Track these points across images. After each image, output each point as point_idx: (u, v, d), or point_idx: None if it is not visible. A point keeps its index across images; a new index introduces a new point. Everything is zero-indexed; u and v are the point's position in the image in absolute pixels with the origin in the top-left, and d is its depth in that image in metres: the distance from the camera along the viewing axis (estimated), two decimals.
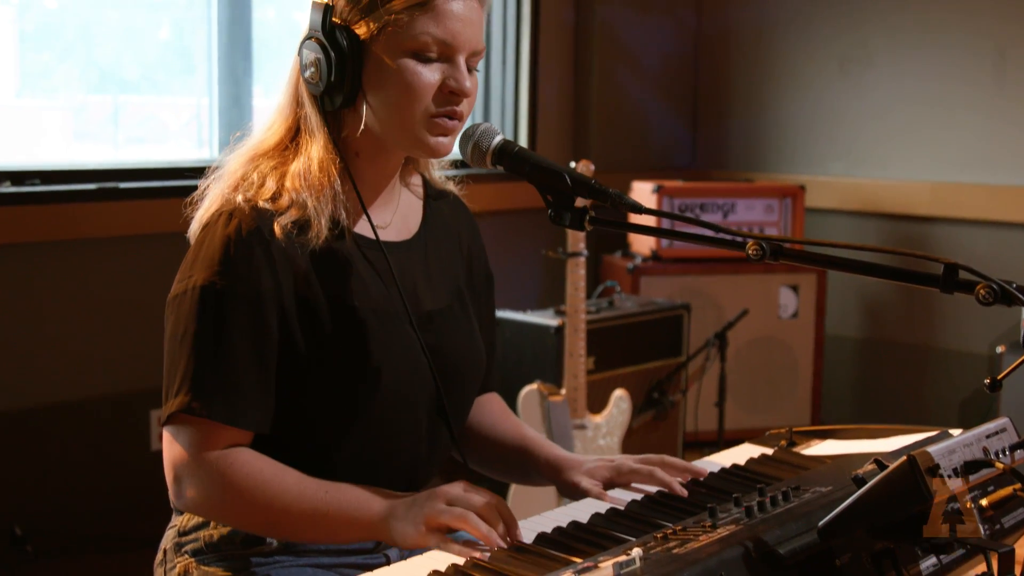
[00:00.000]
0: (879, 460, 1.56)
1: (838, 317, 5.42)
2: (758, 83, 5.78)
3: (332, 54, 1.82)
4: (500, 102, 5.41)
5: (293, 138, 1.91)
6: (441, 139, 1.86)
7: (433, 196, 2.10)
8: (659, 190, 5.08)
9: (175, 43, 4.56)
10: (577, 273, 4.09)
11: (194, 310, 1.78)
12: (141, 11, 4.40)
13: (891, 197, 5.27)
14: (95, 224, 3.95)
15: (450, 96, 1.84)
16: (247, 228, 1.80)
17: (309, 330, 1.83)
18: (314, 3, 1.86)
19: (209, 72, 4.46)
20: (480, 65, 2.03)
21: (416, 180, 2.08)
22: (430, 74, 1.82)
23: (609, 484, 1.96)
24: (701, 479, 1.91)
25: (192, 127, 4.65)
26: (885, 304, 5.37)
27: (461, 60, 1.84)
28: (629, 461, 1.97)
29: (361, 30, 1.82)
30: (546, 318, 4.33)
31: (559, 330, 4.21)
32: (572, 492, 1.98)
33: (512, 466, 2.14)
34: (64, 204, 3.88)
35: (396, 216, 2.00)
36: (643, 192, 5.14)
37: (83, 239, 3.95)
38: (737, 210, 5.20)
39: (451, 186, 2.13)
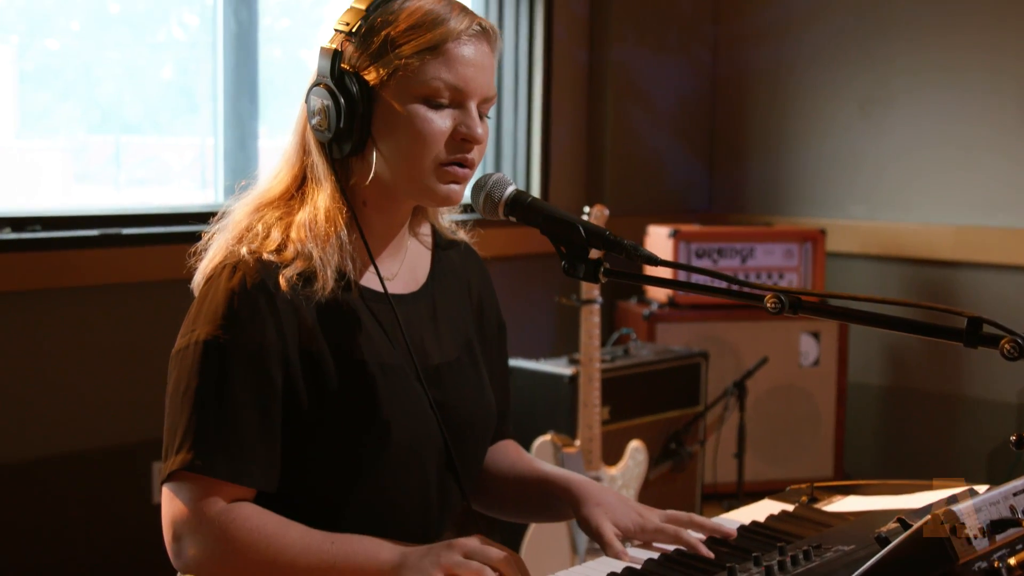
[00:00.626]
0: (903, 519, 1.55)
1: (861, 365, 5.41)
2: (776, 124, 5.80)
3: (341, 101, 1.82)
4: (512, 145, 5.43)
5: (299, 187, 1.91)
6: (453, 187, 1.87)
7: (443, 246, 2.10)
8: (675, 235, 5.08)
9: (178, 82, 4.59)
10: (591, 320, 4.09)
11: (197, 365, 1.78)
12: (144, 50, 4.43)
13: (914, 241, 5.27)
14: (97, 271, 3.96)
15: (462, 143, 1.85)
16: (251, 281, 1.80)
17: (314, 385, 1.83)
18: (322, 48, 1.87)
19: (214, 111, 4.48)
20: (492, 109, 2.04)
21: (425, 230, 2.09)
22: (441, 121, 1.83)
23: (628, 535, 1.95)
24: (727, 539, 1.89)
25: (196, 168, 4.67)
26: (910, 351, 5.36)
27: (473, 106, 1.85)
28: (655, 518, 1.96)
29: (371, 76, 1.83)
30: (560, 367, 4.32)
31: (573, 379, 4.21)
32: (592, 532, 1.97)
33: (532, 502, 2.14)
34: (65, 251, 3.89)
35: (404, 267, 2.00)
36: (659, 237, 5.15)
37: (85, 286, 3.96)
38: (756, 255, 5.21)
39: (462, 234, 2.14)
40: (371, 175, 1.86)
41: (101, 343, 4.01)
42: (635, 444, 4.25)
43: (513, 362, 4.36)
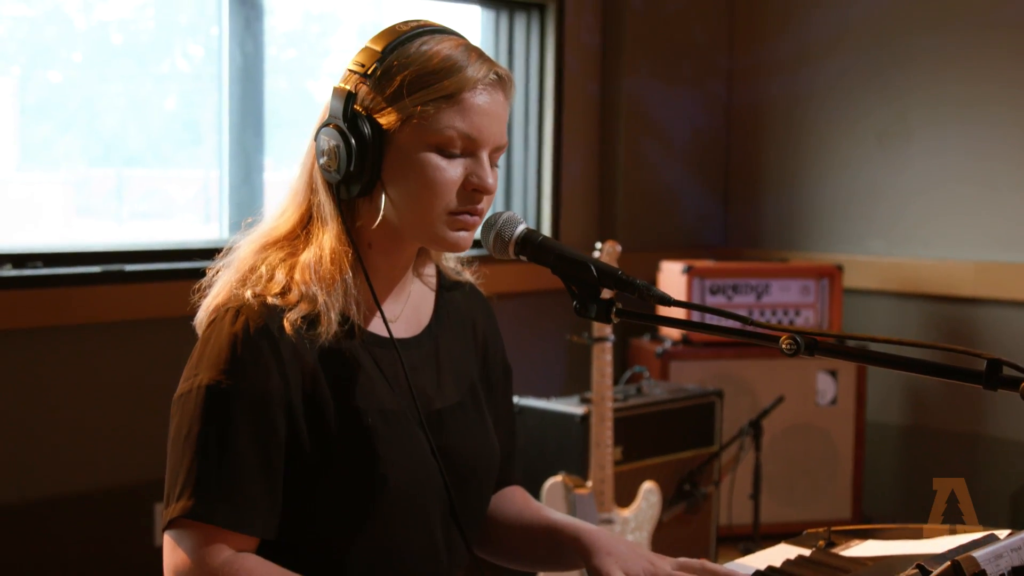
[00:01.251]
0: (922, 565, 1.56)
1: (879, 403, 5.41)
2: (792, 158, 5.81)
3: (352, 143, 1.83)
4: (523, 178, 5.45)
5: (305, 225, 1.93)
6: (462, 234, 1.88)
7: (447, 287, 2.11)
8: (689, 271, 5.09)
9: (182, 114, 4.62)
10: (603, 359, 4.10)
11: (199, 410, 1.79)
12: (147, 81, 4.46)
13: (933, 277, 5.27)
14: (99, 308, 3.98)
15: (472, 193, 1.86)
16: (254, 326, 1.81)
17: (316, 431, 1.83)
18: (335, 88, 1.88)
19: (219, 144, 4.50)
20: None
21: (430, 271, 2.10)
22: (453, 170, 1.84)
23: None
24: None
25: (199, 201, 4.69)
26: (930, 390, 5.36)
27: (485, 156, 1.86)
28: (667, 566, 1.96)
29: (384, 120, 1.84)
30: (571, 406, 4.32)
31: (585, 419, 4.21)
32: None
33: (540, 551, 2.13)
34: (67, 287, 3.91)
35: (407, 309, 2.01)
36: (673, 273, 5.16)
37: (86, 324, 3.97)
38: (771, 291, 5.21)
39: (467, 275, 2.15)
40: (379, 219, 1.87)
41: (103, 382, 4.02)
42: (648, 485, 4.25)
43: (523, 401, 4.37)
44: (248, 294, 1.84)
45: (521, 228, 1.86)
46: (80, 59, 4.33)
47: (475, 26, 5.37)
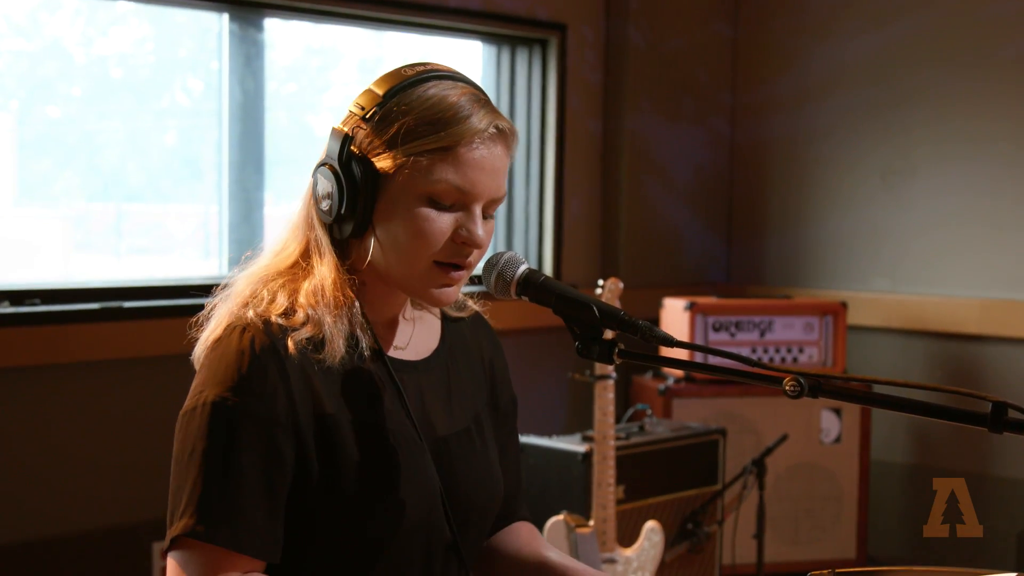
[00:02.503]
0: None
1: (885, 442, 5.40)
2: (796, 195, 5.83)
3: (345, 185, 1.84)
4: (524, 216, 5.46)
5: (306, 257, 1.93)
6: (445, 290, 1.89)
7: (452, 318, 2.12)
8: (692, 307, 5.10)
9: (182, 149, 4.63)
10: (605, 397, 4.10)
11: (204, 428, 1.79)
12: (147, 116, 4.48)
13: (938, 315, 5.28)
14: (97, 346, 3.98)
15: (461, 247, 1.86)
16: (260, 344, 1.82)
17: (325, 454, 1.83)
18: (334, 129, 1.89)
19: (219, 179, 4.51)
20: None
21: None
22: (442, 222, 1.84)
23: None
24: None
25: (199, 237, 4.70)
26: (935, 429, 5.35)
27: (477, 209, 1.86)
28: None
29: (379, 164, 1.84)
30: (573, 444, 4.32)
31: (587, 457, 4.21)
32: None
33: None
34: (65, 325, 3.92)
35: (414, 336, 2.02)
36: (675, 310, 5.16)
37: (84, 362, 3.97)
38: (775, 329, 5.22)
39: (471, 304, 2.15)
40: (367, 261, 1.89)
41: (101, 421, 4.02)
42: (651, 524, 4.24)
43: (525, 439, 4.36)
44: (251, 314, 1.85)
45: (523, 268, 1.87)
46: (79, 94, 4.35)
47: (476, 61, 5.39)
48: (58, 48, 4.26)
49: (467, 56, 5.40)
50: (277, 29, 4.71)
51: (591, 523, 4.07)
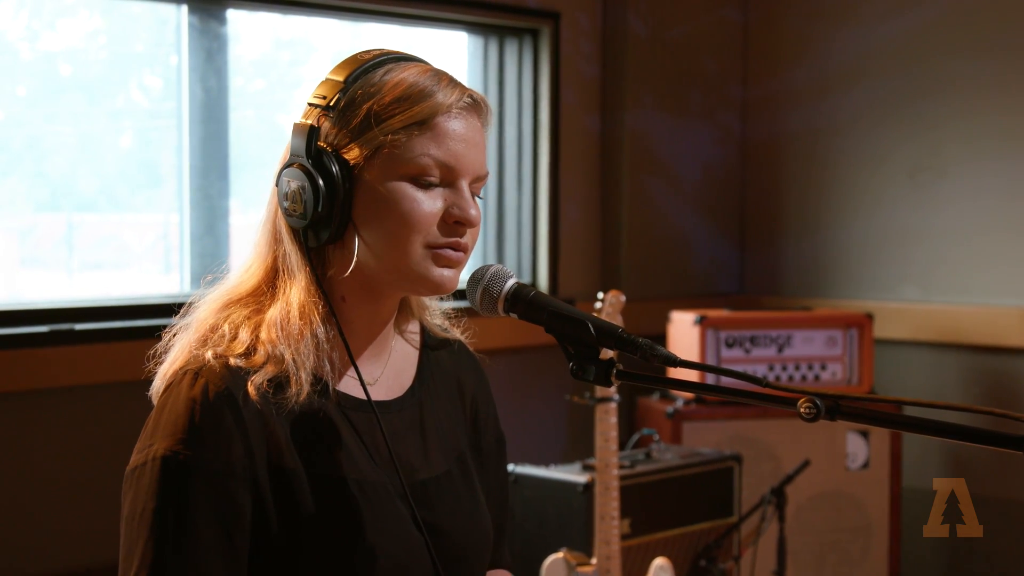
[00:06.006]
0: None
1: (917, 467, 5.39)
2: (814, 196, 5.83)
3: (319, 182, 1.84)
4: (516, 223, 5.46)
5: (271, 280, 1.93)
6: (446, 271, 1.89)
7: (432, 346, 2.12)
8: (702, 321, 5.10)
9: (138, 153, 4.62)
10: (607, 421, 4.09)
11: (154, 485, 1.78)
12: (99, 118, 4.47)
13: (973, 325, 5.28)
14: (46, 372, 3.97)
15: (455, 226, 1.87)
16: (215, 390, 1.81)
17: (285, 508, 1.83)
18: (295, 125, 1.89)
19: (179, 186, 4.50)
20: (492, 184, 2.05)
21: (413, 327, 2.10)
22: (431, 202, 1.85)
23: None
24: None
25: (158, 249, 4.69)
26: (972, 452, 5.34)
27: (464, 185, 1.88)
28: None
29: (351, 154, 1.85)
30: (572, 474, 4.32)
31: (588, 488, 4.21)
32: None
33: None
34: (10, 350, 3.91)
35: (387, 369, 2.01)
36: (684, 324, 5.16)
37: (32, 390, 3.96)
38: (794, 343, 5.21)
39: (455, 333, 2.15)
40: (352, 265, 1.88)
41: (50, 454, 4.00)
42: (660, 562, 4.24)
43: (519, 469, 4.36)
44: (209, 355, 1.84)
45: (511, 283, 1.87)
46: (24, 93, 4.35)
47: (462, 54, 5.40)
48: (0, 43, 4.26)
49: (451, 48, 5.41)
50: (242, 21, 4.71)
51: (594, 561, 4.07)
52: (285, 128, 5.06)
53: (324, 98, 1.88)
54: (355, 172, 1.85)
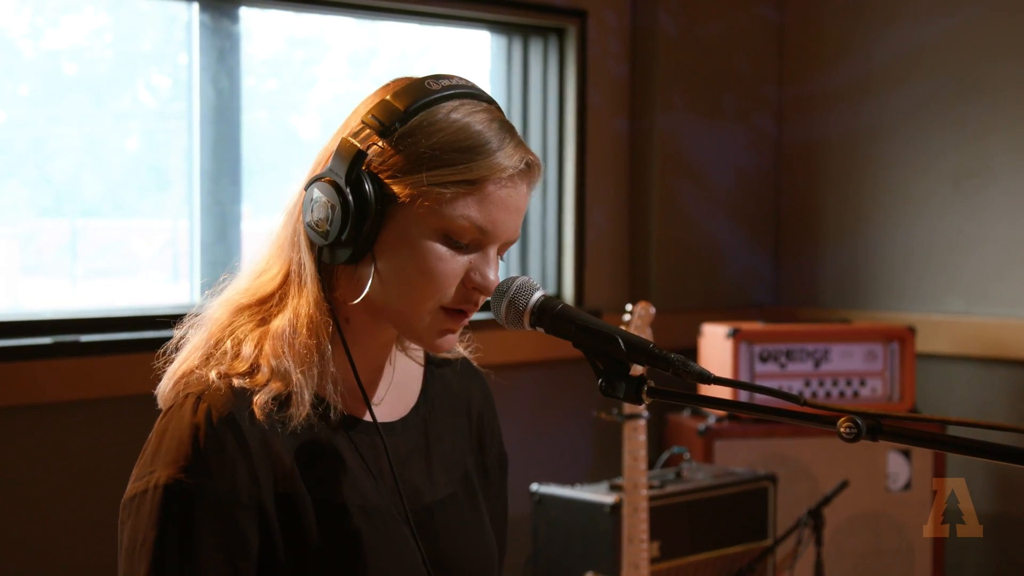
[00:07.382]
0: None
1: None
2: (853, 203, 5.82)
3: (352, 205, 1.83)
4: (540, 232, 5.46)
5: (281, 286, 1.93)
6: (446, 337, 1.91)
7: (436, 363, 2.12)
8: (735, 334, 5.09)
9: (146, 157, 4.63)
10: (636, 439, 4.09)
11: (156, 514, 1.78)
12: (105, 119, 4.48)
13: (1021, 340, 5.26)
14: (50, 386, 3.98)
15: (471, 291, 1.88)
16: (218, 415, 1.81)
17: (291, 535, 1.84)
18: (343, 139, 1.87)
19: (189, 190, 4.51)
20: None
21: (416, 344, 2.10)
22: (456, 263, 1.86)
23: None
24: None
25: (167, 256, 4.70)
26: (1021, 473, 5.34)
27: (493, 251, 1.89)
28: None
29: (394, 188, 1.84)
30: (599, 494, 4.32)
31: (615, 509, 4.21)
32: None
33: None
34: (12, 362, 3.91)
35: (391, 389, 2.03)
36: (716, 337, 5.16)
37: (35, 404, 3.97)
38: (831, 358, 5.21)
39: (460, 349, 2.15)
40: (361, 296, 1.89)
41: (53, 471, 4.01)
42: None
43: (544, 488, 4.36)
44: (212, 375, 1.85)
45: (537, 296, 1.87)
46: (27, 93, 4.36)
47: (485, 53, 5.40)
48: (2, 41, 4.28)
49: (474, 48, 5.41)
50: (254, 18, 4.72)
51: None
52: (299, 130, 5.10)
53: (380, 123, 1.86)
54: (391, 207, 1.85)
